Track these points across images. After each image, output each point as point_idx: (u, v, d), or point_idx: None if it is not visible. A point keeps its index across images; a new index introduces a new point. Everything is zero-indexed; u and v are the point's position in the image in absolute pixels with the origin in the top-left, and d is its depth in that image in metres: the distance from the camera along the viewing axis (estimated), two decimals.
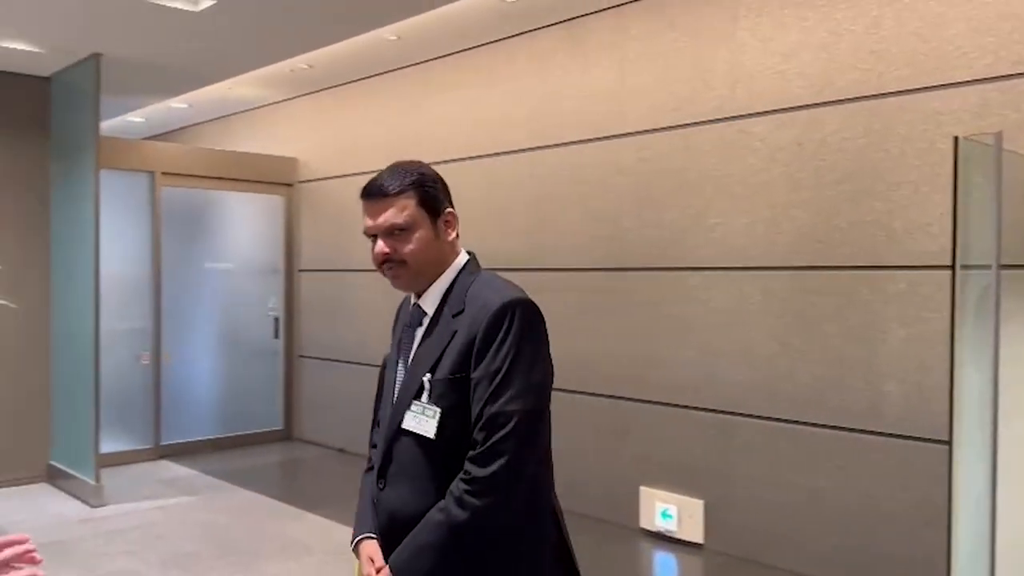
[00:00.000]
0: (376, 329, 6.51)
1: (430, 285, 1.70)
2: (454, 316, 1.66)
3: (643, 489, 4.79)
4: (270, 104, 7.87)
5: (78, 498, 5.67)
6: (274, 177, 7.63)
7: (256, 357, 7.65)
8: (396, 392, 1.73)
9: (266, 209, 7.69)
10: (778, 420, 4.25)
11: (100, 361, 5.58)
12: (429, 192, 1.66)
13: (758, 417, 4.33)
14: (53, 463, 6.07)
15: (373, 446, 1.88)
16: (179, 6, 4.56)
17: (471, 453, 1.57)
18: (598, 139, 5.10)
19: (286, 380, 7.74)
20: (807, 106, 4.16)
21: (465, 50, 5.95)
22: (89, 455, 5.56)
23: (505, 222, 5.64)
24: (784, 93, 4.24)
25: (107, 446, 5.85)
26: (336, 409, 7.17)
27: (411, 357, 1.72)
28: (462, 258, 1.74)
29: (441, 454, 1.62)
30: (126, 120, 8.39)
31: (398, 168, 1.68)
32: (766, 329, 4.31)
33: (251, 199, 7.62)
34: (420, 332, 1.73)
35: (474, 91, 5.90)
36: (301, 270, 7.69)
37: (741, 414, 4.39)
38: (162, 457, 6.92)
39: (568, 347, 5.22)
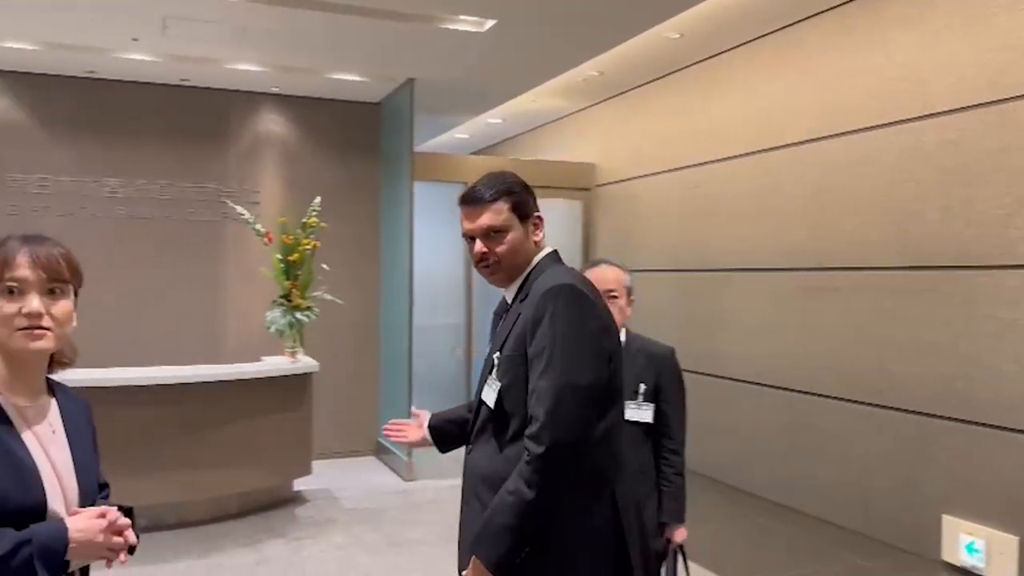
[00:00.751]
0: (666, 328, 6.47)
1: (518, 278, 1.87)
2: (521, 302, 1.82)
3: (946, 518, 4.19)
4: (571, 114, 8.20)
5: (395, 472, 6.41)
6: (574, 182, 7.93)
7: None
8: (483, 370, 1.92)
9: (568, 213, 8.02)
10: None
11: (412, 352, 6.27)
12: (520, 198, 1.84)
13: None
14: (380, 440, 6.93)
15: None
16: (467, 28, 4.98)
17: (528, 430, 1.67)
18: (893, 123, 4.58)
19: None
20: None
21: (748, 42, 5.70)
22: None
23: (785, 218, 5.30)
24: None
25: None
26: None
27: (493, 340, 1.95)
28: (543, 253, 1.88)
29: (503, 423, 1.77)
30: (454, 136, 9.28)
31: (493, 177, 1.86)
32: None
33: (553, 204, 7.99)
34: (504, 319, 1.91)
35: (757, 84, 5.63)
36: None
37: None
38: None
39: (859, 356, 4.77)
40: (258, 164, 6.73)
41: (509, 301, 1.90)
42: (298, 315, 5.32)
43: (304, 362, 5.41)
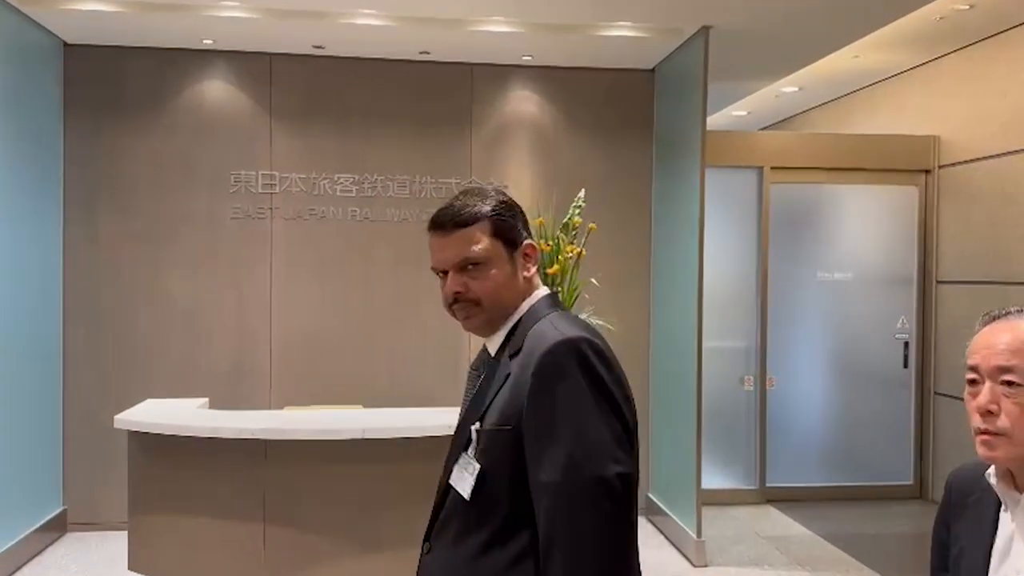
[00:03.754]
0: None
1: (503, 325, 1.49)
2: (511, 357, 1.44)
3: None
4: (898, 73, 6.25)
5: (675, 546, 4.94)
6: (905, 163, 6.00)
7: (879, 390, 6.11)
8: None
9: (894, 204, 6.10)
10: None
11: (702, 385, 4.76)
12: (505, 221, 1.47)
13: None
14: (651, 496, 5.48)
15: None
16: None
17: (544, 565, 1.29)
18: None
19: (918, 422, 6.05)
20: None
21: None
22: (690, 499, 4.77)
23: None
24: None
25: (706, 481, 5.00)
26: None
27: (467, 404, 1.54)
28: (538, 294, 1.51)
29: (479, 520, 1.38)
30: (729, 115, 7.62)
31: (470, 194, 1.50)
32: None
33: (875, 192, 6.11)
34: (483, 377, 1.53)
35: None
36: (941, 281, 5.91)
37: None
38: (768, 501, 5.89)
39: None
40: (504, 152, 5.53)
41: (492, 354, 1.50)
42: None
43: None
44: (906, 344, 6.07)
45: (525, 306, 1.48)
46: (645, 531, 5.26)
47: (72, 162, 5.08)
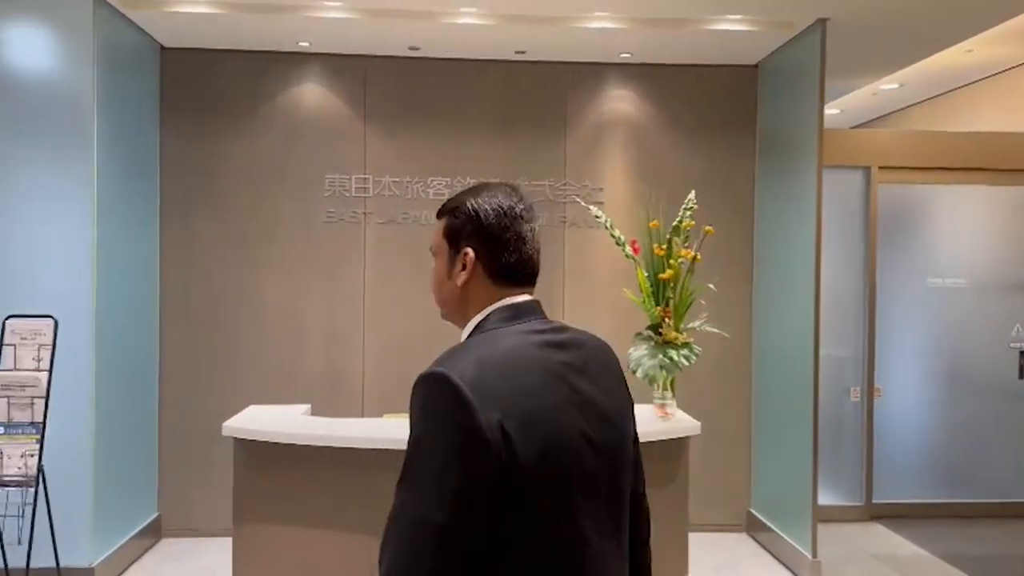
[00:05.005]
0: None
1: (464, 332, 1.42)
2: None
3: None
4: (1007, 69, 5.90)
5: (785, 565, 4.69)
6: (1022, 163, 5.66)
7: (992, 402, 5.76)
8: None
9: (1011, 205, 5.76)
10: None
11: (819, 396, 4.52)
12: (456, 221, 1.41)
13: None
14: (753, 512, 5.24)
15: None
16: None
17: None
18: None
19: None
20: None
21: None
22: (804, 516, 4.53)
23: None
24: None
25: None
26: None
27: None
28: (494, 308, 1.38)
29: None
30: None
31: (467, 190, 1.46)
32: None
33: (990, 193, 5.77)
34: None
35: None
36: None
37: None
38: (873, 519, 5.59)
39: None
40: (600, 153, 5.36)
41: None
42: (672, 354, 3.82)
43: (680, 419, 3.89)
44: (1022, 353, 5.72)
45: (478, 318, 1.40)
46: (749, 549, 5.03)
47: (169, 164, 5.07)
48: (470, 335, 1.38)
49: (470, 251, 1.40)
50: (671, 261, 3.87)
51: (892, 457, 5.70)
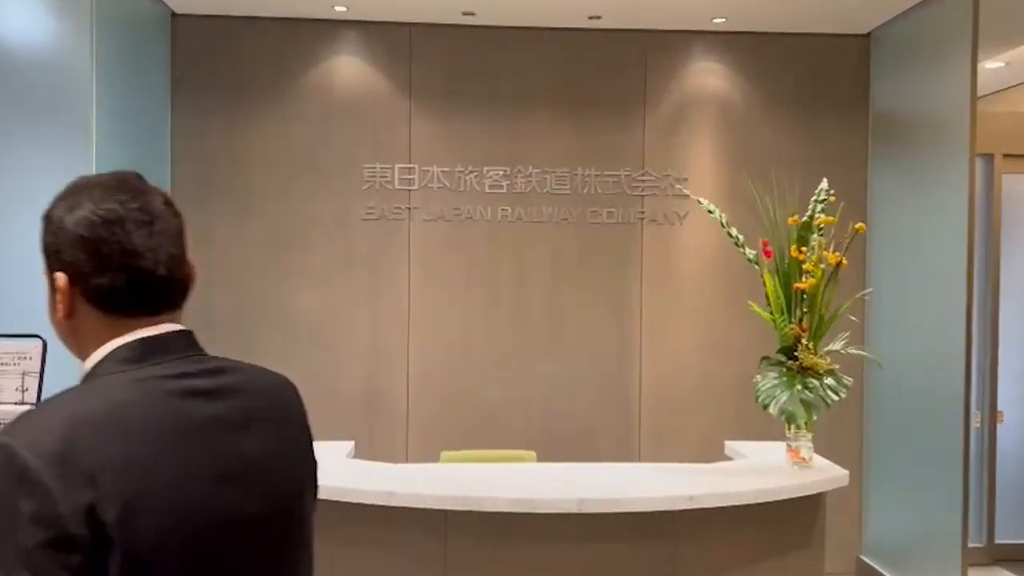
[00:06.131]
0: None
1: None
2: None
3: None
4: None
5: None
6: None
7: None
8: None
9: None
10: None
11: (970, 424, 3.82)
12: (45, 236, 1.14)
13: None
14: (864, 559, 4.48)
15: None
16: None
17: None
18: None
19: None
20: None
21: None
22: (948, 562, 3.82)
23: None
24: None
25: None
26: None
27: None
28: (97, 357, 1.11)
29: None
30: None
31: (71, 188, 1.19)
32: None
33: None
34: None
35: None
36: None
37: None
38: (995, 561, 4.84)
39: None
40: (684, 136, 4.59)
41: None
42: (814, 385, 3.05)
43: (821, 467, 3.13)
44: None
45: (92, 362, 1.14)
46: None
47: (181, 152, 4.37)
48: (90, 374, 1.13)
49: (61, 276, 1.14)
50: (807, 267, 3.12)
51: (1017, 492, 4.94)
